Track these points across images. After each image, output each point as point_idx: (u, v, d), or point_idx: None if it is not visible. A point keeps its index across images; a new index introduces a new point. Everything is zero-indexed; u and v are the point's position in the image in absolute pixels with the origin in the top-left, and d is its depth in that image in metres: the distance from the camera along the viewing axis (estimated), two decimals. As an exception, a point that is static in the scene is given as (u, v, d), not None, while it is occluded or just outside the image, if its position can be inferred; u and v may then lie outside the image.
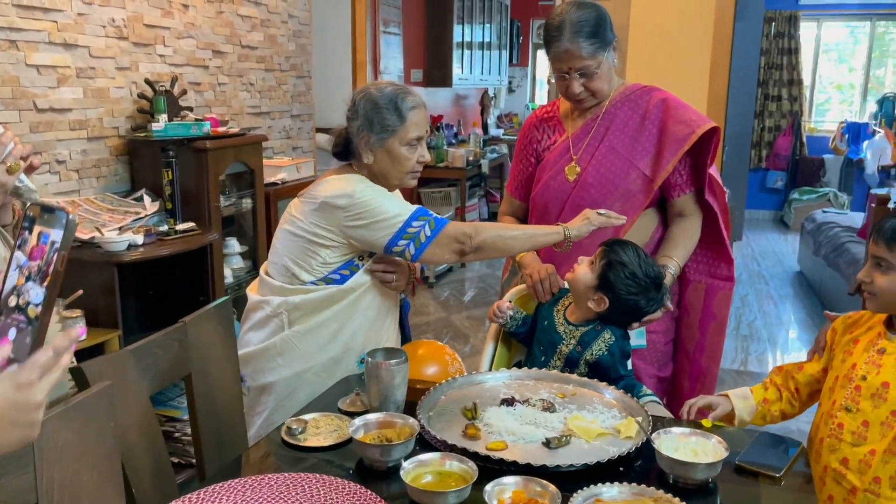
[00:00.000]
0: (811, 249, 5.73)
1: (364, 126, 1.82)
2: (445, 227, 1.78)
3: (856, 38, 8.60)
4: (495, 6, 7.79)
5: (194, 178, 2.96)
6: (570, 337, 1.79)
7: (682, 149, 1.93)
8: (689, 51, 3.56)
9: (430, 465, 1.31)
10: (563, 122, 2.10)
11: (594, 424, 1.48)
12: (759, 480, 1.36)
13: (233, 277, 3.26)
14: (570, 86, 1.93)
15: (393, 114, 1.81)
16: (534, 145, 2.14)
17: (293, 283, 1.84)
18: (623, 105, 2.01)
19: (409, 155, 1.84)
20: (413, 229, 1.76)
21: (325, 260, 1.82)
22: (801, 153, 8.53)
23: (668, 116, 1.97)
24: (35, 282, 0.83)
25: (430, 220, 1.78)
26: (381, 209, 1.77)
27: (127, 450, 1.33)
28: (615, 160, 1.98)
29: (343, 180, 1.83)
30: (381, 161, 1.84)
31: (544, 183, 2.06)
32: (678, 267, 1.96)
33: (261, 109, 3.99)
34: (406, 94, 1.84)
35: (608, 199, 1.97)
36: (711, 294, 2.08)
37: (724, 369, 4.10)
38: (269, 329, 1.86)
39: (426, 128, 1.87)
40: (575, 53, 1.88)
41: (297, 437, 1.47)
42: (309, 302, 1.82)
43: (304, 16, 4.40)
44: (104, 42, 2.89)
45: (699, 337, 2.09)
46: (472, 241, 1.78)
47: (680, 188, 2.01)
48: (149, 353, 1.45)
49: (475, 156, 6.63)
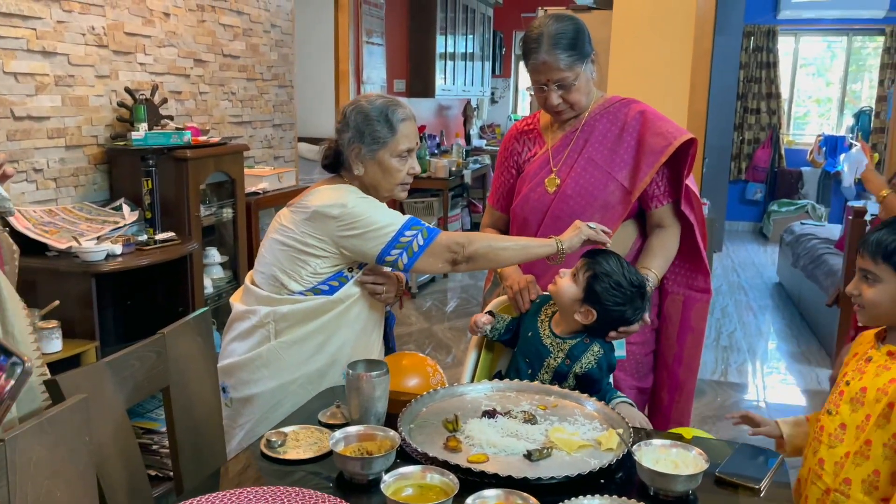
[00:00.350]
0: (790, 261, 5.79)
1: (355, 138, 1.83)
2: (438, 236, 1.78)
3: (833, 52, 8.74)
4: (478, 17, 7.83)
5: (174, 188, 2.94)
6: (557, 350, 1.79)
7: (660, 161, 1.94)
8: (670, 64, 3.60)
9: (411, 478, 1.30)
10: (543, 135, 2.11)
11: (575, 436, 1.48)
12: (739, 492, 1.36)
13: (213, 288, 3.24)
14: (549, 98, 1.95)
15: (384, 126, 1.82)
16: (514, 157, 2.15)
17: (281, 293, 1.83)
18: (602, 117, 2.03)
19: (400, 167, 1.86)
20: (406, 238, 1.76)
21: (315, 270, 1.81)
22: (779, 165, 8.64)
23: (645, 129, 1.98)
24: None
25: (423, 230, 1.78)
26: (374, 219, 1.77)
27: (102, 465, 1.31)
28: (594, 172, 1.99)
29: (335, 190, 1.83)
30: (372, 172, 1.85)
31: (524, 195, 2.07)
32: (657, 278, 1.97)
33: (242, 119, 3.97)
34: (397, 107, 1.85)
35: (587, 210, 1.98)
36: (689, 306, 2.09)
37: (705, 380, 4.13)
38: (255, 339, 1.84)
39: (417, 140, 1.89)
40: (552, 65, 1.89)
41: (277, 450, 1.46)
42: (297, 312, 1.81)
43: (287, 25, 4.39)
44: (84, 50, 2.87)
45: (677, 349, 2.10)
46: (465, 250, 1.78)
47: (658, 199, 2.02)
48: (126, 365, 1.43)
49: (458, 166, 6.65)
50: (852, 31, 8.36)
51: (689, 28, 3.61)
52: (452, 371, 3.97)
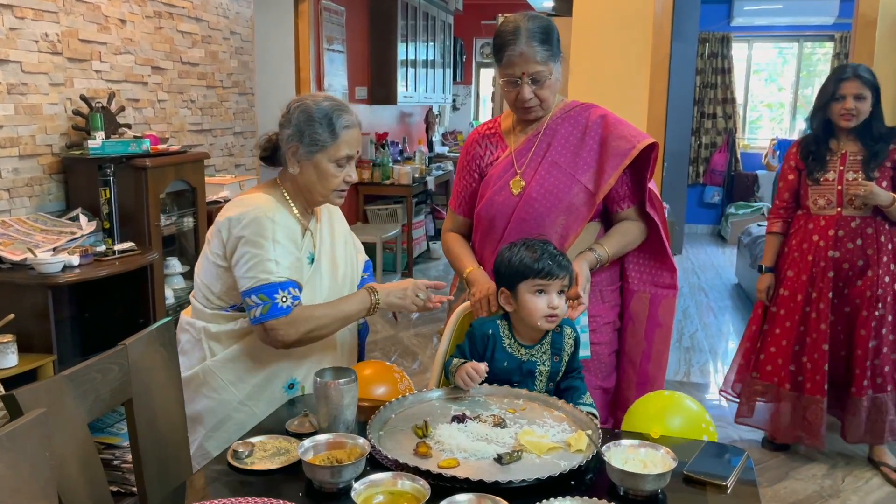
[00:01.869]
0: (748, 262, 5.91)
1: (294, 136, 1.77)
2: (267, 321, 1.70)
3: (784, 58, 8.96)
4: (438, 25, 7.85)
5: (133, 197, 2.89)
6: (541, 355, 1.79)
7: (624, 163, 1.96)
8: (629, 70, 3.65)
9: (382, 486, 1.29)
10: (504, 139, 2.11)
11: (545, 439, 1.48)
12: (706, 489, 1.38)
13: (174, 298, 3.18)
14: (521, 91, 1.93)
15: (325, 129, 1.76)
16: (476, 161, 2.15)
17: (209, 307, 1.81)
18: (564, 121, 2.04)
19: (336, 173, 1.79)
20: (251, 301, 1.71)
21: (230, 285, 1.77)
22: (736, 169, 8.82)
23: (607, 132, 2.01)
24: None
25: (266, 306, 1.70)
26: (255, 258, 1.71)
27: (64, 481, 1.27)
28: (558, 175, 2.01)
29: (256, 201, 1.77)
30: (307, 174, 1.80)
31: (488, 198, 2.07)
32: (606, 253, 1.98)
33: (202, 127, 3.92)
34: (342, 112, 1.79)
35: (552, 212, 1.99)
36: (656, 302, 2.11)
37: (669, 381, 4.18)
38: (196, 355, 1.83)
39: (358, 148, 1.83)
40: (530, 57, 1.89)
41: (244, 461, 1.43)
42: (225, 330, 1.80)
43: (246, 32, 4.35)
44: (37, 57, 2.80)
45: (645, 346, 2.12)
46: (282, 336, 1.72)
47: (620, 203, 2.05)
48: (87, 378, 1.40)
49: (421, 173, 6.65)
50: (803, 37, 8.59)
51: (647, 35, 3.67)
52: (419, 378, 3.96)
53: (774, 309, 3.18)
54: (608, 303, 2.09)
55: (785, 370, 3.14)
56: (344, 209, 2.05)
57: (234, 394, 1.80)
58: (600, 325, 2.07)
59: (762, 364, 3.22)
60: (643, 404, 1.77)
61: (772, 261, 3.21)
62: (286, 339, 1.73)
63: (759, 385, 3.24)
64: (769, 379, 3.19)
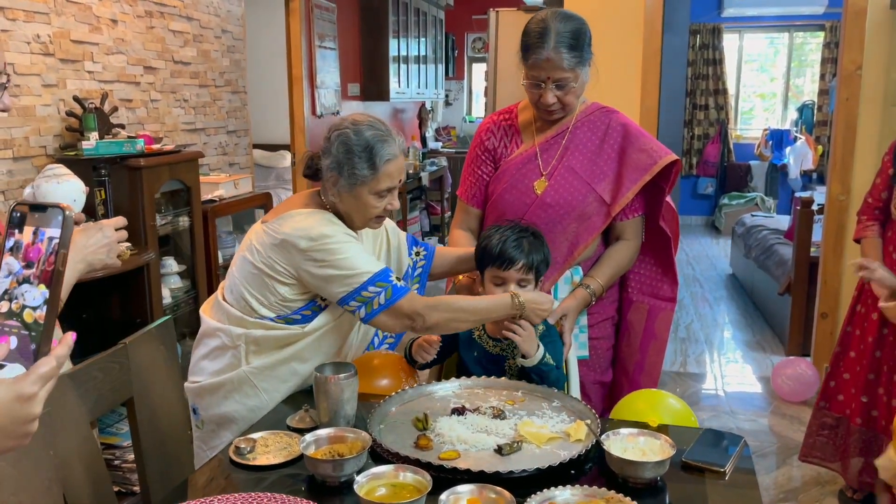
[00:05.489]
0: (742, 252, 5.94)
1: (334, 167, 1.71)
2: (400, 300, 1.68)
3: (776, 48, 8.99)
4: (430, 20, 7.84)
5: (128, 197, 2.88)
6: (513, 348, 1.80)
7: (644, 178, 1.92)
8: (621, 63, 3.66)
9: (384, 478, 1.30)
10: (521, 132, 2.05)
11: (544, 429, 1.50)
12: (705, 476, 1.40)
13: (171, 298, 3.18)
14: (545, 95, 1.88)
15: (365, 163, 1.69)
16: (491, 151, 2.08)
17: (252, 316, 1.75)
18: (583, 125, 1.99)
19: (377, 203, 1.74)
20: (368, 294, 1.67)
21: (284, 297, 1.73)
22: (728, 160, 8.84)
23: (628, 143, 1.96)
24: (32, 284, 0.79)
25: (389, 289, 1.68)
26: (343, 262, 1.67)
27: (68, 479, 1.28)
28: (574, 181, 1.96)
29: (310, 217, 1.72)
30: (347, 203, 1.74)
31: (499, 195, 2.02)
32: (600, 286, 1.96)
33: (196, 126, 3.92)
34: (384, 143, 1.71)
35: (564, 219, 1.96)
36: (653, 315, 2.08)
37: (665, 371, 4.20)
38: (226, 360, 1.77)
39: (401, 177, 1.76)
40: (556, 64, 1.83)
41: (246, 457, 1.44)
42: (269, 338, 1.75)
43: (238, 31, 4.35)
44: (29, 59, 2.80)
45: (639, 357, 2.09)
46: (425, 321, 1.70)
47: (626, 211, 2.00)
48: (88, 376, 1.40)
49: (415, 169, 6.66)
50: (794, 27, 8.61)
51: (639, 27, 3.68)
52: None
53: (850, 328, 2.67)
54: (607, 299, 2.08)
55: (857, 401, 2.63)
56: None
57: (266, 401, 1.76)
58: (599, 320, 2.07)
59: (832, 392, 2.72)
60: (629, 402, 1.78)
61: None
62: (429, 322, 1.70)
63: (829, 418, 2.74)
64: (840, 411, 2.69)
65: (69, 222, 0.81)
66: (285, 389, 1.78)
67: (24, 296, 0.80)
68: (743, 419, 3.49)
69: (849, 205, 3.61)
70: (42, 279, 0.79)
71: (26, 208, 0.81)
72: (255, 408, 1.76)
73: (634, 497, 1.23)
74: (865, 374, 2.60)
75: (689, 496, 1.37)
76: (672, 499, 1.34)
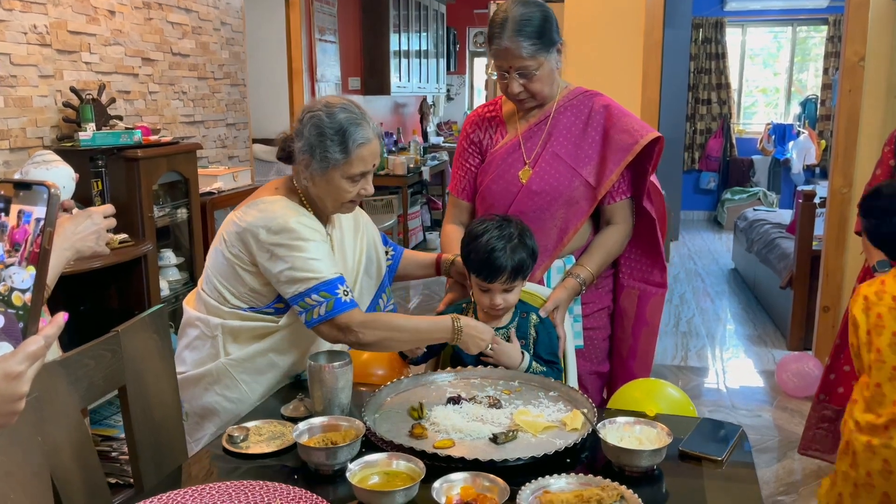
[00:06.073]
0: (744, 247, 5.91)
1: (306, 150, 1.67)
2: (339, 315, 1.63)
3: (779, 43, 8.95)
4: (431, 14, 7.82)
5: (126, 188, 2.87)
6: (506, 338, 1.79)
7: (626, 158, 1.90)
8: (622, 56, 3.64)
9: (377, 466, 1.29)
10: (506, 123, 2.04)
11: (540, 418, 1.48)
12: (702, 465, 1.38)
13: (169, 290, 3.17)
14: (510, 84, 1.87)
15: (337, 147, 1.65)
16: (477, 144, 2.07)
17: (226, 306, 1.74)
18: (566, 110, 1.97)
19: (350, 188, 1.70)
20: (311, 301, 1.63)
21: (253, 288, 1.71)
22: (731, 154, 8.81)
23: (610, 124, 1.94)
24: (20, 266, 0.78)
25: (331, 301, 1.63)
26: (297, 262, 1.63)
27: (58, 466, 1.27)
28: (559, 167, 1.95)
29: (275, 205, 1.69)
30: (320, 187, 1.71)
31: (486, 186, 2.02)
32: (591, 274, 1.94)
33: (194, 118, 3.90)
34: (357, 126, 1.66)
35: (552, 206, 1.94)
36: (644, 300, 2.07)
37: (666, 366, 4.19)
38: (206, 351, 1.77)
39: (375, 162, 1.72)
40: (514, 52, 1.82)
41: (239, 445, 1.43)
42: (245, 329, 1.74)
43: (237, 23, 4.33)
44: (26, 49, 2.79)
45: (631, 342, 2.08)
46: (359, 338, 1.65)
47: (614, 194, 1.98)
48: (80, 364, 1.39)
49: (416, 163, 6.64)
50: (797, 21, 8.57)
51: (640, 20, 3.66)
52: (417, 366, 3.95)
53: None
54: (602, 288, 2.07)
55: None
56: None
57: (247, 393, 1.75)
58: (594, 310, 2.06)
59: (833, 385, 2.71)
60: (627, 391, 1.77)
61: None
62: (363, 340, 1.66)
63: (829, 410, 2.73)
64: (841, 403, 2.64)
65: (55, 200, 0.80)
66: (266, 382, 1.77)
67: (12, 277, 0.79)
68: (744, 413, 3.48)
69: (851, 197, 3.59)
70: (30, 260, 0.79)
71: (10, 188, 0.80)
72: (237, 400, 1.74)
73: (630, 486, 1.21)
74: None
75: (686, 486, 1.35)
76: (669, 488, 1.32)
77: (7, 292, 0.78)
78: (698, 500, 1.30)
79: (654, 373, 2.18)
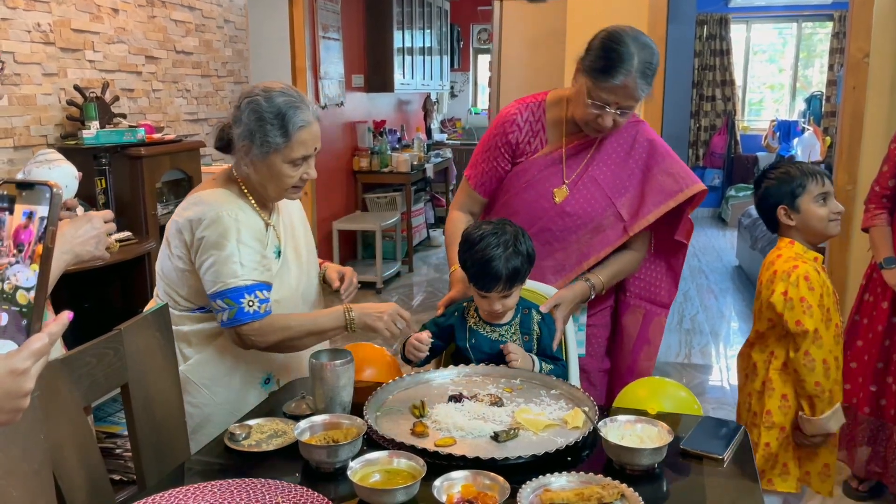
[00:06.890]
0: (748, 244, 5.90)
1: (245, 136, 1.65)
2: (238, 325, 1.65)
3: (784, 39, 8.91)
4: (434, 11, 7.81)
5: (129, 186, 2.88)
6: (511, 333, 1.79)
7: (668, 203, 1.88)
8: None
9: (378, 464, 1.29)
10: (547, 130, 1.95)
11: (542, 417, 1.48)
12: (703, 464, 1.38)
13: (173, 287, 3.18)
14: (604, 118, 1.78)
15: (277, 130, 1.63)
16: (511, 145, 1.96)
17: (177, 309, 1.74)
18: (612, 135, 1.91)
19: (292, 173, 1.68)
20: (217, 305, 1.65)
21: (198, 289, 1.70)
22: (735, 151, 8.79)
23: (654, 162, 1.91)
24: (24, 264, 0.79)
25: (233, 310, 1.64)
26: (219, 260, 1.63)
27: (60, 464, 1.27)
28: (596, 193, 1.91)
29: (211, 198, 1.69)
30: (261, 173, 1.69)
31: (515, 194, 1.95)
32: (601, 282, 1.93)
33: (198, 116, 3.91)
34: (297, 109, 1.65)
35: (580, 230, 1.92)
36: (648, 320, 2.06)
37: (669, 363, 4.19)
38: None
39: (316, 145, 1.70)
40: (632, 93, 1.74)
41: (241, 443, 1.44)
42: (197, 332, 1.74)
43: (241, 21, 4.33)
44: (29, 48, 2.79)
45: (630, 361, 2.08)
46: (258, 343, 1.67)
47: None
48: (82, 362, 1.39)
49: (419, 160, 6.63)
50: (802, 17, 8.54)
51: (643, 17, 3.65)
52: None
53: (858, 317, 2.65)
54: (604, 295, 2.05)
55: (865, 390, 2.61)
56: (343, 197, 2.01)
57: (210, 396, 1.75)
58: (597, 309, 2.05)
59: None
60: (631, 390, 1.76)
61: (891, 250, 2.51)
62: (259, 346, 1.69)
63: None
64: (847, 400, 2.60)
65: (57, 200, 0.81)
66: (235, 383, 1.77)
67: (16, 276, 0.80)
68: (747, 410, 3.46)
69: (855, 194, 3.57)
70: (34, 259, 0.80)
71: (13, 188, 0.81)
72: (204, 404, 1.75)
73: (631, 484, 1.21)
74: (874, 363, 2.58)
75: (688, 484, 1.35)
76: (669, 487, 1.32)
77: (12, 290, 0.79)
78: (699, 499, 1.30)
79: (657, 370, 2.18)
